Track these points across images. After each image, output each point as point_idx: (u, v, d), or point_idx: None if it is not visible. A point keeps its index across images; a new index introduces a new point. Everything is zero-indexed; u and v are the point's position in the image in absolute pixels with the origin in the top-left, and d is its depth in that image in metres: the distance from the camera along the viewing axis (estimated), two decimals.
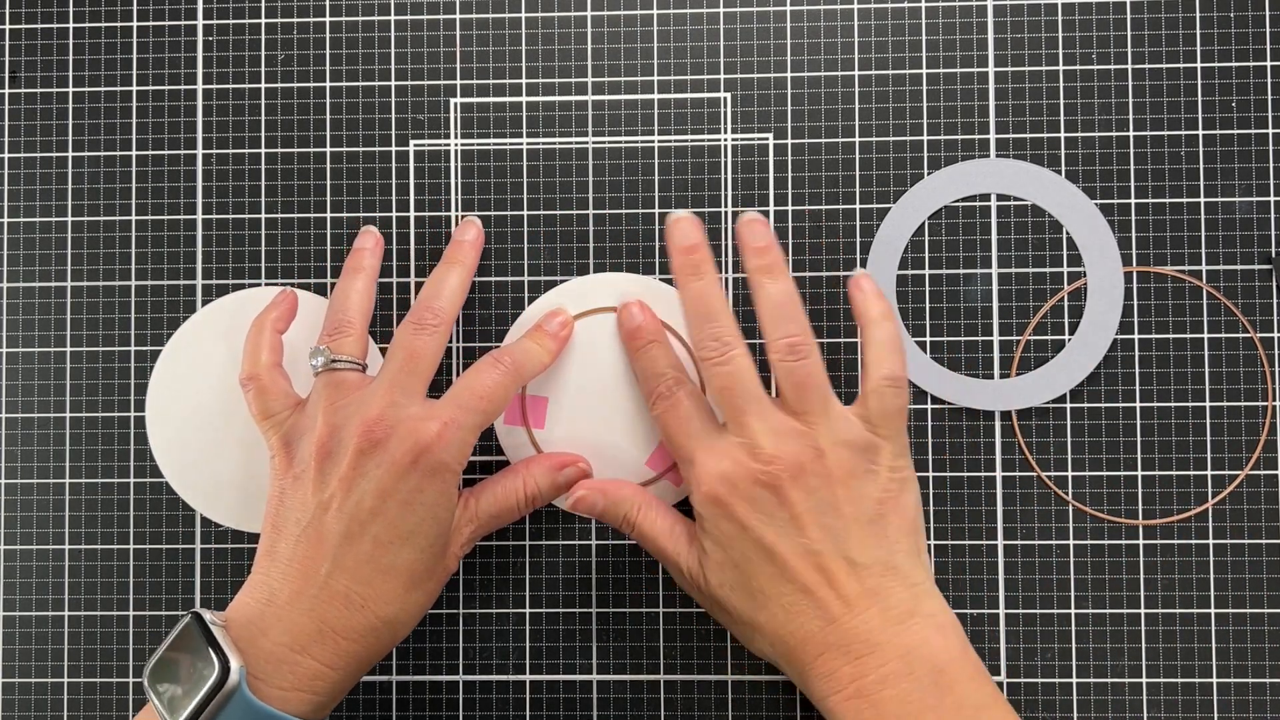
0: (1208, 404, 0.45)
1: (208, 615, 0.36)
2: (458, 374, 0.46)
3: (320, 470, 0.38)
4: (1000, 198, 0.46)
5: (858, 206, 0.46)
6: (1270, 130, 0.45)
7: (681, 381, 0.41)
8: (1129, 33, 0.46)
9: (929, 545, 0.45)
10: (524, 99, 0.46)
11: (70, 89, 0.47)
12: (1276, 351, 0.45)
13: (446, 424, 0.38)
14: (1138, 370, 0.45)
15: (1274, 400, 0.45)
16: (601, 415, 0.43)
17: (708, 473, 0.38)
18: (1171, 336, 0.45)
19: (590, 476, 0.42)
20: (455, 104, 0.46)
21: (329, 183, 0.46)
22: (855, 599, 0.37)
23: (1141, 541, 0.45)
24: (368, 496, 0.37)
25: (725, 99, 0.46)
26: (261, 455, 0.44)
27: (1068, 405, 0.45)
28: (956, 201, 0.46)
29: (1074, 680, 0.45)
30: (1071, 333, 0.45)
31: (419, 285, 0.46)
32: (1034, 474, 0.45)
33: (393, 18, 0.47)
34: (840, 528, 0.37)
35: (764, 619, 0.38)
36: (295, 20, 0.47)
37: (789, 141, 0.46)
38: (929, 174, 0.46)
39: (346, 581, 0.37)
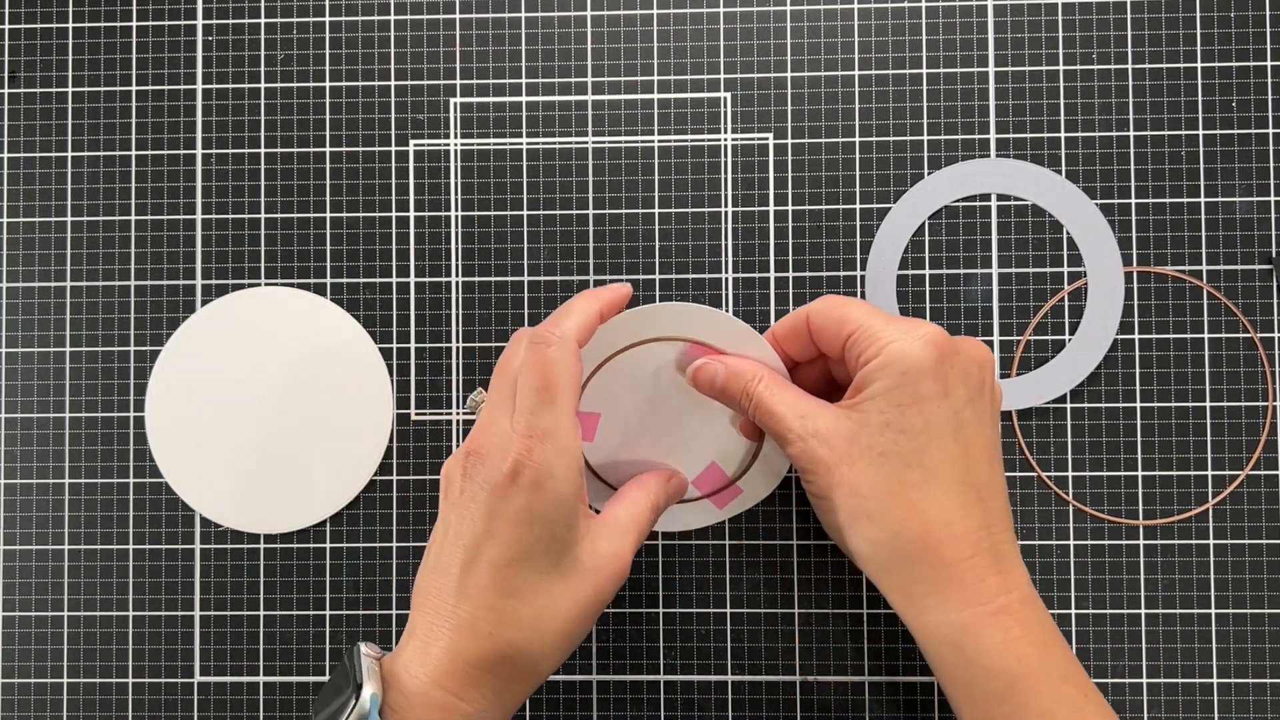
0: (1208, 404, 0.45)
1: (363, 647, 0.36)
2: (456, 374, 0.46)
3: (444, 500, 0.37)
4: (1000, 198, 0.46)
5: (858, 206, 0.46)
6: (1270, 130, 0.45)
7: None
8: (1129, 33, 0.46)
9: None
10: (524, 99, 0.46)
11: (70, 89, 0.47)
12: (1276, 351, 0.45)
13: (530, 434, 0.35)
14: (1138, 370, 0.45)
15: (1274, 400, 0.45)
16: (651, 436, 0.42)
17: (916, 333, 0.36)
18: (1171, 336, 0.45)
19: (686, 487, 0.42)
20: (455, 104, 0.46)
21: (329, 183, 0.46)
22: (1003, 511, 0.36)
23: (1142, 541, 0.45)
24: (477, 520, 0.35)
25: (725, 99, 0.46)
26: (260, 455, 0.44)
27: (1068, 405, 0.45)
28: (956, 201, 0.46)
29: (1085, 681, 0.45)
30: (1071, 333, 0.45)
31: (419, 285, 0.46)
32: (1034, 474, 0.45)
33: (393, 18, 0.47)
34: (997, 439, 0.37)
35: (920, 497, 0.35)
36: (295, 20, 0.47)
37: (789, 141, 0.46)
38: (929, 174, 0.46)
39: (469, 609, 0.35)
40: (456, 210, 0.46)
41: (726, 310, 0.46)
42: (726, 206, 0.46)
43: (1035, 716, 0.34)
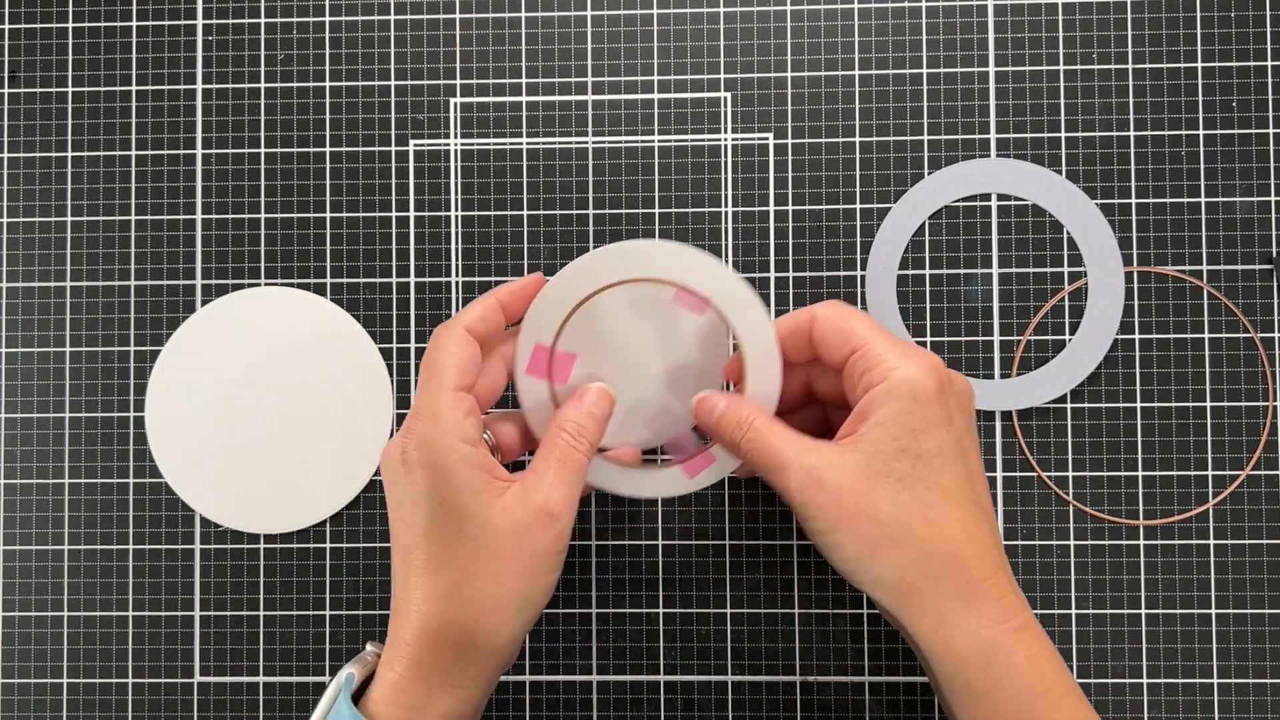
0: (1208, 404, 0.45)
1: (370, 646, 0.39)
2: None
3: None
4: (1000, 198, 0.46)
5: (858, 206, 0.46)
6: (1270, 130, 0.45)
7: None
8: (1129, 33, 0.46)
9: None
10: (524, 99, 0.46)
11: (70, 89, 0.47)
12: (1277, 351, 0.45)
13: (414, 416, 0.36)
14: (1138, 370, 0.45)
15: (1274, 400, 0.45)
16: (634, 373, 0.40)
17: (920, 361, 0.36)
18: (1172, 336, 0.45)
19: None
20: (455, 104, 0.46)
21: (329, 183, 0.46)
22: (999, 534, 0.37)
23: (1142, 541, 0.45)
24: (393, 511, 0.37)
25: (725, 99, 0.46)
26: (260, 455, 0.44)
27: (1068, 405, 0.45)
28: (956, 201, 0.46)
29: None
30: (1071, 333, 0.45)
31: (419, 285, 0.46)
32: (1034, 474, 0.45)
33: (393, 18, 0.47)
34: None
35: (940, 516, 0.35)
36: (295, 20, 0.47)
37: (789, 141, 0.46)
38: (929, 174, 0.46)
39: (401, 593, 0.37)
40: (456, 210, 0.46)
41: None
42: (726, 206, 0.46)
43: None
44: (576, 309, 0.39)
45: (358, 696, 0.36)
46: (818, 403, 0.41)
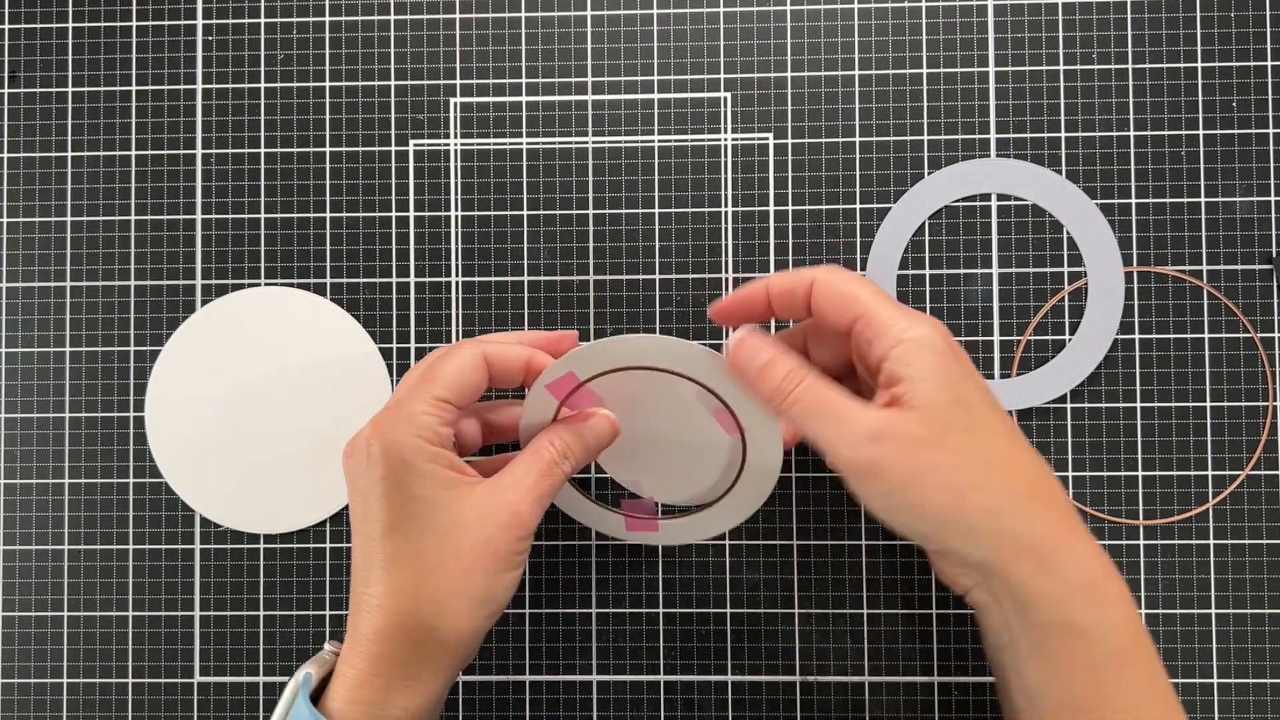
0: (1208, 404, 0.45)
1: (328, 645, 0.39)
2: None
3: None
4: (1000, 198, 0.46)
5: (858, 206, 0.46)
6: (1270, 130, 0.45)
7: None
8: (1129, 33, 0.46)
9: None
10: (524, 99, 0.46)
11: (70, 89, 0.47)
12: (1277, 351, 0.45)
13: (385, 409, 0.37)
14: (1138, 370, 0.45)
15: (1274, 400, 0.45)
16: (634, 448, 0.41)
17: (927, 322, 0.35)
18: (1172, 336, 0.45)
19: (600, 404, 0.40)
20: (455, 104, 0.46)
21: (329, 183, 0.46)
22: None
23: (1142, 541, 0.45)
24: (353, 505, 0.37)
25: (725, 99, 0.46)
26: (260, 455, 0.44)
27: (1068, 405, 0.45)
28: (956, 201, 0.46)
29: None
30: (1071, 333, 0.45)
31: (419, 285, 0.46)
32: None
33: (393, 18, 0.47)
34: None
35: (1014, 457, 0.35)
36: (295, 20, 0.47)
37: (789, 141, 0.46)
38: (929, 174, 0.46)
39: (361, 588, 0.37)
40: (456, 210, 0.46)
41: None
42: (726, 206, 0.46)
43: (1146, 678, 0.35)
44: (622, 370, 0.38)
45: (317, 695, 0.36)
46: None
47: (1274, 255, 0.45)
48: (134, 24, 0.47)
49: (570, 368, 0.38)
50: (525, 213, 0.46)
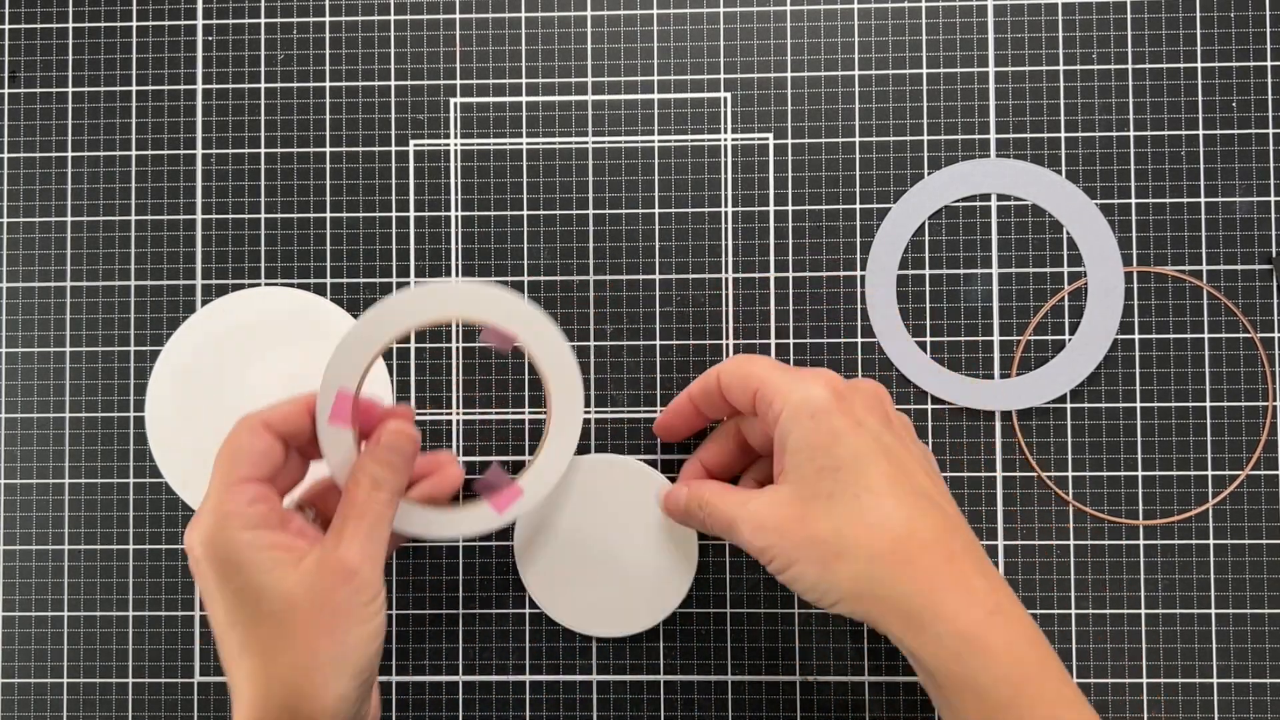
0: (1208, 404, 0.45)
1: None
2: (456, 374, 0.46)
3: None
4: (1000, 198, 0.46)
5: (858, 206, 0.46)
6: (1270, 130, 0.45)
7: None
8: (1129, 33, 0.46)
9: None
10: (524, 99, 0.46)
11: (70, 89, 0.47)
12: (1276, 351, 0.45)
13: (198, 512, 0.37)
14: (1138, 370, 0.45)
15: (1274, 400, 0.45)
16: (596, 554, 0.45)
17: (811, 380, 0.37)
18: (1171, 336, 0.45)
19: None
20: (455, 104, 0.46)
21: (329, 183, 0.46)
22: (960, 515, 0.37)
23: (1142, 541, 0.45)
24: (205, 606, 0.37)
25: (725, 99, 0.46)
26: None
27: (1068, 405, 0.45)
28: (956, 201, 0.46)
29: (1074, 680, 0.45)
30: (1071, 333, 0.45)
31: (418, 285, 0.46)
32: (1034, 474, 0.45)
33: (393, 18, 0.47)
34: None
35: (878, 519, 0.35)
36: (295, 20, 0.47)
37: (789, 141, 0.46)
38: (929, 174, 0.46)
39: (227, 676, 0.37)
40: (456, 210, 0.46)
41: (726, 309, 0.46)
42: (726, 206, 0.46)
43: None
44: (379, 354, 0.38)
45: None
46: (765, 456, 0.43)
47: (1274, 255, 0.45)
48: (134, 24, 0.47)
49: (335, 386, 0.37)
50: (525, 213, 0.46)
